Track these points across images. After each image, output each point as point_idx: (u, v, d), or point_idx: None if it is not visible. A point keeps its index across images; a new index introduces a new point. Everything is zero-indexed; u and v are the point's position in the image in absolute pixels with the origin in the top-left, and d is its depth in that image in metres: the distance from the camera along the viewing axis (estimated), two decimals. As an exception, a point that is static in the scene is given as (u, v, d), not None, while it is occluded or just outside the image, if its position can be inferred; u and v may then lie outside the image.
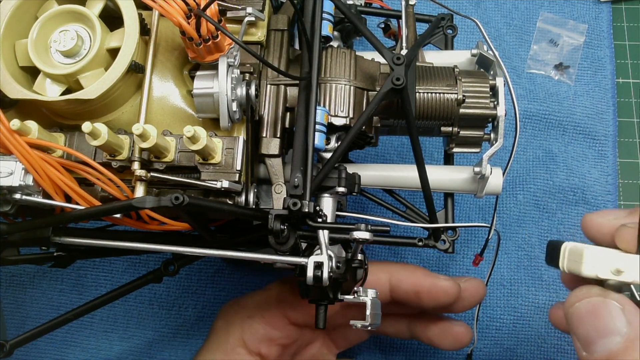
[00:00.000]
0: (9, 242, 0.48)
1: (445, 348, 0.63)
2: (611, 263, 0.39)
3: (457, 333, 0.61)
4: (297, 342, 0.63)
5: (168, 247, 0.47)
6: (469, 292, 0.59)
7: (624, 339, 0.36)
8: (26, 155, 0.43)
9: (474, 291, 0.60)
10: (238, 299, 0.63)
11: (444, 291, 0.58)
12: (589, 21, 0.82)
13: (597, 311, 0.38)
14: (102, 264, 0.75)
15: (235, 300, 0.63)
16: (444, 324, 0.62)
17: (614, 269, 0.38)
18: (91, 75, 0.46)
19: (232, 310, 0.62)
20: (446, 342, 0.62)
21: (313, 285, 0.46)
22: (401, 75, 0.45)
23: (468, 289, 0.59)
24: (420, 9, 0.64)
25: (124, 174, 0.46)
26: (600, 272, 0.39)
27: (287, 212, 0.44)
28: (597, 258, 0.39)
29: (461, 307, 0.60)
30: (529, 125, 0.77)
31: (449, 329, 0.62)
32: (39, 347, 0.72)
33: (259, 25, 0.51)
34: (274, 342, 0.60)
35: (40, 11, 0.48)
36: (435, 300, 0.58)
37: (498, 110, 0.52)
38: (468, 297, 0.60)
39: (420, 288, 0.58)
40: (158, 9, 0.43)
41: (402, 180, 0.55)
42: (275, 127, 0.50)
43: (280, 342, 0.60)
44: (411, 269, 0.60)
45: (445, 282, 0.58)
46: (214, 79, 0.45)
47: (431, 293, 0.58)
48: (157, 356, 0.72)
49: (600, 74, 0.80)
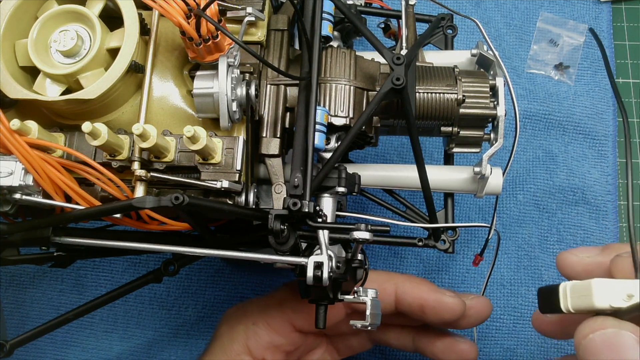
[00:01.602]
0: (9, 242, 0.48)
1: None
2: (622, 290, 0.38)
3: (462, 350, 0.60)
4: (301, 349, 0.62)
5: (168, 247, 0.47)
6: (474, 310, 0.59)
7: None
8: (26, 155, 0.43)
9: (479, 309, 0.59)
10: (242, 304, 0.62)
11: (449, 308, 0.57)
12: (589, 21, 0.82)
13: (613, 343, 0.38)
14: (102, 264, 0.75)
15: (239, 306, 0.63)
16: (449, 340, 0.61)
17: (625, 296, 0.38)
18: (91, 75, 0.46)
19: (235, 316, 0.62)
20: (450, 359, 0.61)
21: (313, 285, 0.46)
22: (401, 75, 0.45)
23: (474, 307, 0.59)
24: (420, 9, 0.64)
25: (124, 174, 0.46)
26: (613, 301, 0.38)
27: (287, 212, 0.44)
28: (606, 288, 0.38)
29: (466, 324, 0.59)
30: (529, 125, 0.77)
31: (454, 345, 0.61)
32: (39, 347, 0.72)
33: (259, 25, 0.51)
34: (278, 349, 0.59)
35: (40, 11, 0.48)
36: (440, 316, 0.57)
37: (498, 110, 0.52)
38: (473, 315, 0.59)
39: (425, 302, 0.57)
40: (158, 9, 0.43)
41: (402, 180, 0.55)
42: (275, 127, 0.50)
43: (285, 349, 0.60)
44: (417, 282, 0.59)
45: (450, 299, 0.57)
46: (214, 79, 0.45)
47: (435, 309, 0.57)
48: (157, 356, 0.72)
49: (600, 74, 0.79)
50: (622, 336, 0.37)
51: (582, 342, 0.39)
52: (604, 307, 0.38)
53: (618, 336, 0.38)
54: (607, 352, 0.38)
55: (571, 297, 0.40)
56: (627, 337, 0.37)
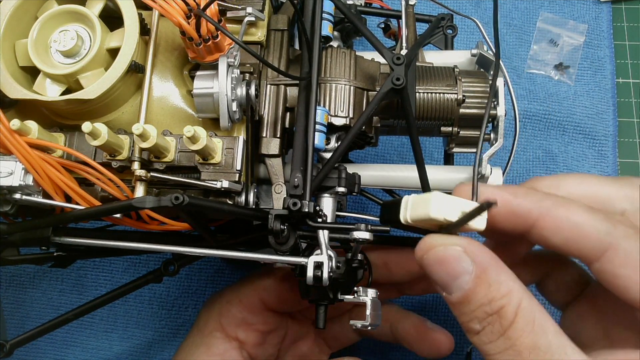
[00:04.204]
0: (9, 242, 0.48)
1: (423, 355, 0.61)
2: (457, 207, 0.41)
3: (436, 340, 0.60)
4: (279, 332, 0.62)
5: (168, 247, 0.47)
6: None
7: (473, 276, 0.40)
8: (26, 155, 0.43)
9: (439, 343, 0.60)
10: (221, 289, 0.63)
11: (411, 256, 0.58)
12: (589, 21, 0.82)
13: (443, 259, 0.41)
14: (102, 264, 0.75)
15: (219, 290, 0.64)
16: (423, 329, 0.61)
17: (459, 212, 0.41)
18: (91, 75, 0.46)
19: (212, 299, 0.63)
20: (424, 348, 0.61)
21: (313, 285, 0.46)
22: (401, 75, 0.45)
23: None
24: (420, 9, 0.64)
25: (124, 174, 0.46)
26: (447, 214, 0.41)
27: (287, 212, 0.44)
28: (444, 201, 0.41)
29: None
30: (529, 125, 0.77)
31: (428, 334, 0.61)
32: (39, 347, 0.72)
33: (259, 25, 0.51)
34: (251, 327, 0.60)
35: (40, 11, 0.48)
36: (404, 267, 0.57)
37: (498, 110, 0.52)
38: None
39: (387, 258, 0.58)
40: (158, 9, 0.43)
41: (402, 180, 0.55)
42: (275, 127, 0.50)
43: (258, 328, 0.60)
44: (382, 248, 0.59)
45: None
46: (214, 79, 0.45)
47: (399, 262, 0.58)
48: (157, 356, 0.72)
49: (600, 74, 0.79)
50: (450, 251, 0.41)
51: (421, 263, 0.43)
52: (438, 218, 0.41)
53: (446, 252, 0.41)
54: (441, 267, 0.41)
55: (411, 208, 0.43)
56: (454, 250, 0.41)
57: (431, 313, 0.72)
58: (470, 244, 0.41)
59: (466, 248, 0.41)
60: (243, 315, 0.60)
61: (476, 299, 0.40)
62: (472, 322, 0.41)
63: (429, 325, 0.61)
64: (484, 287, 0.40)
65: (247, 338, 0.60)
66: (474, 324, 0.41)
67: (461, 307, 0.41)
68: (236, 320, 0.59)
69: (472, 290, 0.41)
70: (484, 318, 0.41)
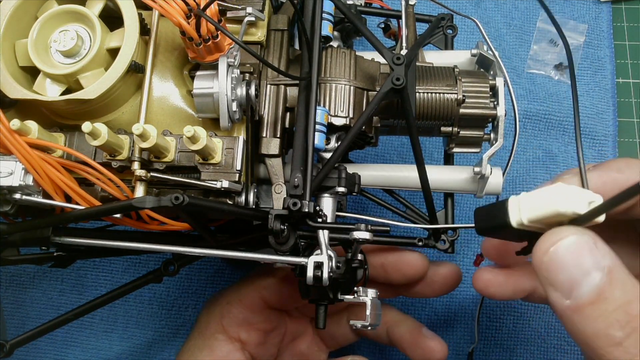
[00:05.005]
0: (9, 242, 0.48)
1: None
2: (584, 198, 0.36)
3: (428, 347, 0.59)
4: (279, 330, 0.62)
5: (168, 247, 0.47)
6: (440, 276, 0.58)
7: (606, 271, 0.34)
8: (26, 155, 0.43)
9: (445, 274, 0.58)
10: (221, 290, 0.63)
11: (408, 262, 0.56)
12: (589, 21, 0.82)
13: (580, 250, 0.35)
14: (102, 264, 0.75)
15: (218, 291, 0.63)
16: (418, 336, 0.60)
17: (586, 203, 0.36)
18: (91, 75, 0.46)
19: (213, 300, 0.63)
20: (416, 355, 0.60)
21: (313, 285, 0.46)
22: (401, 75, 0.45)
23: (439, 272, 0.58)
24: (420, 9, 0.64)
25: (124, 174, 0.46)
26: (576, 207, 0.35)
27: (287, 212, 0.44)
28: (570, 194, 0.36)
29: (431, 291, 0.59)
30: (529, 125, 0.77)
31: (421, 341, 0.60)
32: (39, 347, 0.72)
33: (259, 25, 0.51)
34: (253, 327, 0.60)
35: (40, 11, 0.48)
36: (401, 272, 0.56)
37: (498, 110, 0.52)
38: (439, 281, 0.58)
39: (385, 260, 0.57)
40: (158, 9, 0.43)
41: (402, 180, 0.55)
42: (275, 127, 0.50)
43: (260, 327, 0.60)
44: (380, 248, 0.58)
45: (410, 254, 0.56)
46: (214, 79, 0.45)
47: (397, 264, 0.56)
48: (157, 356, 0.72)
49: (600, 74, 0.79)
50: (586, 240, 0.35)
51: (544, 259, 0.36)
52: (567, 212, 0.35)
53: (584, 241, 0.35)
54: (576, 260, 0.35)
55: (527, 208, 0.37)
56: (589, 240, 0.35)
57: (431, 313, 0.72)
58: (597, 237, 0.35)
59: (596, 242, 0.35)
60: (244, 315, 0.60)
61: (614, 297, 0.34)
62: (611, 327, 0.33)
63: (424, 332, 0.61)
64: (619, 285, 0.34)
65: (249, 338, 0.60)
66: (614, 330, 0.33)
67: (593, 309, 0.34)
68: (237, 320, 0.59)
69: (608, 286, 0.34)
70: (627, 321, 0.33)
